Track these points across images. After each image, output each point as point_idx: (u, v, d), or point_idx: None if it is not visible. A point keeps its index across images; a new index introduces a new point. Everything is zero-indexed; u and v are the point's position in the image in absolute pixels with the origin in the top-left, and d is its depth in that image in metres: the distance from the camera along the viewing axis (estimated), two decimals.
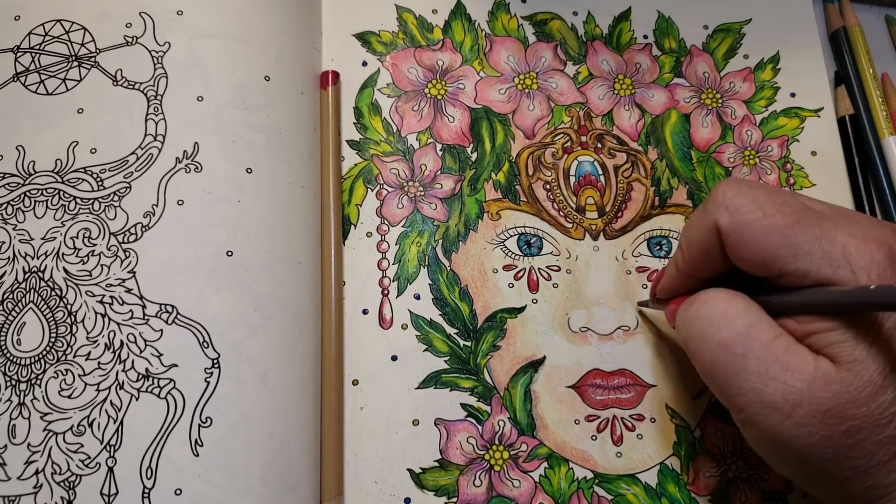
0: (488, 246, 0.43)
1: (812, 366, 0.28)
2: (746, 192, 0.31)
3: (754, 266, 0.30)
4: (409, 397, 0.40)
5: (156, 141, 0.39)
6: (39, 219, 0.38)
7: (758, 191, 0.31)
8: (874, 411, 0.27)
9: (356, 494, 0.38)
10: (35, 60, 0.41)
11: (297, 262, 0.39)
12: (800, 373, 0.28)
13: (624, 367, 0.41)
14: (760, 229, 0.30)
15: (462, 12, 0.48)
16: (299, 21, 0.44)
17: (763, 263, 0.30)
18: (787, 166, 0.47)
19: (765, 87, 0.49)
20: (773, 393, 0.29)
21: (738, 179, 0.33)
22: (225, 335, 0.36)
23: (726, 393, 0.31)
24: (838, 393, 0.28)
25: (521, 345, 0.41)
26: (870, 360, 0.28)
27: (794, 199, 0.31)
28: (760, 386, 0.29)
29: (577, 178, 0.45)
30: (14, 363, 0.36)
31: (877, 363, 0.28)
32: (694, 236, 0.33)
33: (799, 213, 0.30)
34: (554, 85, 0.47)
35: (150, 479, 0.34)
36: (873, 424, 0.27)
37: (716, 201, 0.32)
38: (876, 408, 0.27)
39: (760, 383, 0.29)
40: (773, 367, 0.29)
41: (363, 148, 0.44)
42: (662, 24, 0.50)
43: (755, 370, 0.29)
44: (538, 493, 0.39)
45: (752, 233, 0.30)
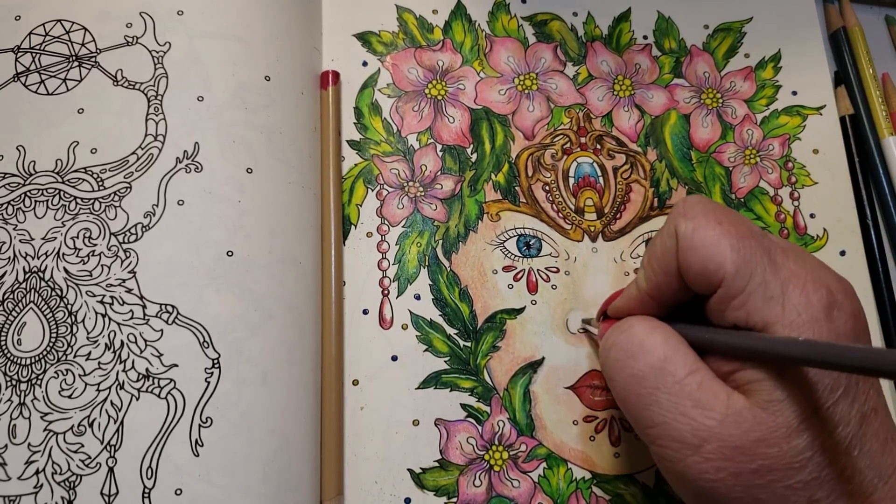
0: (488, 247, 0.43)
1: (724, 403, 0.28)
2: (707, 204, 0.31)
3: (699, 276, 0.30)
4: (409, 397, 0.40)
5: (156, 141, 0.39)
6: (40, 219, 0.38)
7: (719, 207, 0.31)
8: (786, 453, 0.27)
9: (356, 494, 0.38)
10: (35, 60, 0.41)
11: (298, 262, 0.39)
12: (710, 410, 0.28)
13: None
14: (713, 237, 0.29)
15: (462, 13, 0.48)
16: (300, 21, 0.44)
17: (707, 272, 0.30)
18: (788, 165, 0.47)
19: (766, 85, 0.49)
20: (682, 428, 0.28)
21: (702, 195, 0.34)
22: (225, 335, 0.36)
23: (638, 424, 0.30)
24: (749, 431, 0.27)
25: (520, 345, 0.41)
26: (788, 403, 0.27)
27: (752, 225, 0.31)
28: (670, 420, 0.29)
29: (576, 179, 0.45)
30: (14, 363, 0.36)
31: (795, 407, 0.27)
32: (656, 247, 0.32)
33: (754, 236, 0.30)
34: (553, 86, 0.47)
35: (151, 479, 0.34)
36: (785, 467, 0.27)
37: (676, 210, 0.32)
38: (788, 450, 0.27)
39: (670, 417, 0.29)
40: (684, 403, 0.28)
41: (363, 148, 0.44)
42: (662, 25, 0.50)
43: (665, 404, 0.29)
44: (537, 494, 0.39)
45: (703, 238, 0.30)
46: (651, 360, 0.30)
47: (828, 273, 0.30)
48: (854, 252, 0.45)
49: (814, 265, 0.30)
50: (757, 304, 0.28)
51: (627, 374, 0.30)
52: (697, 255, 0.30)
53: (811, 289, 0.28)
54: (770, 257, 0.29)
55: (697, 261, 0.30)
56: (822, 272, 0.29)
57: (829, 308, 0.28)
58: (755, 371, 0.28)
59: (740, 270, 0.29)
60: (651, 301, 0.33)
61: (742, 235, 0.30)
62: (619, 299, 0.36)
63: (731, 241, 0.29)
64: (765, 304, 0.28)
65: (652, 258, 0.32)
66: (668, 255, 0.31)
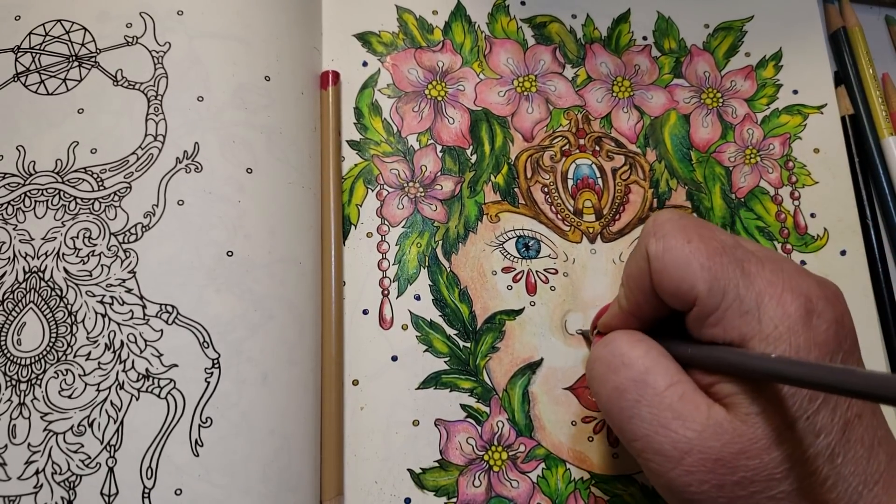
0: (487, 248, 0.43)
1: (705, 415, 0.28)
2: (677, 220, 0.31)
3: (672, 296, 0.30)
4: (409, 397, 0.40)
5: (156, 141, 0.39)
6: (40, 219, 0.38)
7: (689, 220, 0.31)
8: (767, 464, 0.27)
9: (356, 494, 0.38)
10: (35, 60, 0.41)
11: (298, 262, 0.39)
12: (691, 422, 0.28)
13: None
14: (682, 257, 0.29)
15: (462, 14, 0.48)
16: (300, 21, 0.44)
17: (680, 293, 0.30)
18: (788, 164, 0.47)
19: (766, 84, 0.49)
20: (663, 441, 0.28)
21: (673, 210, 0.33)
22: (225, 335, 0.36)
23: (623, 437, 0.30)
24: (729, 443, 0.27)
25: (519, 346, 0.41)
26: (766, 415, 0.27)
27: (723, 235, 0.31)
28: (652, 433, 0.29)
29: (575, 181, 0.45)
30: (14, 363, 0.36)
31: (773, 419, 0.27)
32: (631, 267, 0.32)
33: (724, 247, 0.30)
34: (552, 88, 0.47)
35: (151, 479, 0.34)
36: (766, 478, 0.27)
37: (647, 228, 0.32)
38: (769, 461, 0.27)
39: (651, 430, 0.29)
40: (664, 415, 0.28)
41: (363, 148, 0.44)
42: (662, 25, 0.50)
43: (647, 417, 0.29)
44: (536, 494, 0.39)
45: (673, 259, 0.30)
46: (632, 372, 0.30)
47: (808, 279, 0.29)
48: (854, 252, 0.45)
49: (792, 272, 0.29)
50: (733, 320, 0.28)
51: (610, 387, 0.31)
52: (669, 277, 0.30)
53: (788, 298, 0.28)
54: (743, 270, 0.29)
55: (669, 282, 0.30)
56: (801, 279, 0.29)
57: (807, 316, 0.28)
58: (733, 384, 0.28)
59: (712, 289, 0.29)
60: (632, 318, 0.33)
61: (713, 252, 0.29)
62: (605, 316, 0.36)
63: (701, 259, 0.29)
64: (740, 319, 0.28)
65: (629, 278, 0.33)
66: (642, 275, 0.31)
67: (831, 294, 0.29)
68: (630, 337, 0.32)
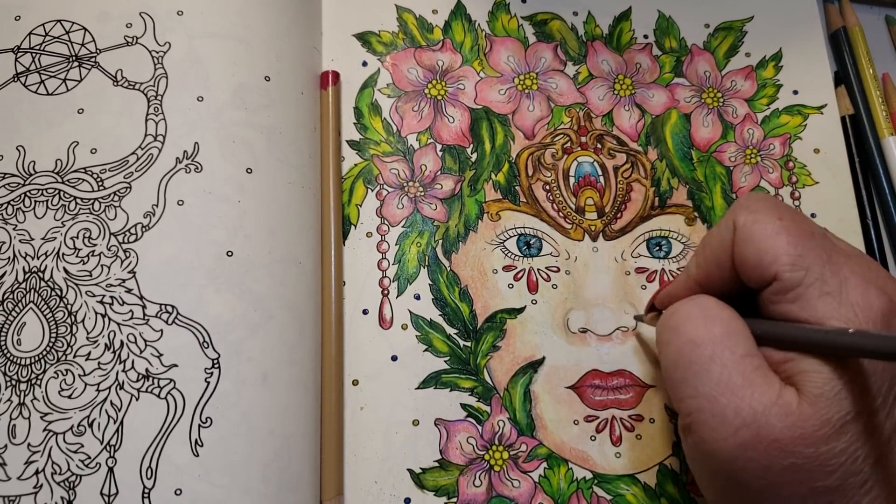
0: (488, 246, 0.43)
1: (776, 392, 0.28)
2: (770, 201, 0.31)
3: (753, 269, 0.30)
4: (409, 397, 0.40)
5: (156, 141, 0.39)
6: (39, 219, 0.38)
7: (782, 205, 0.31)
8: (822, 455, 0.26)
9: (356, 494, 0.38)
10: (35, 60, 0.41)
11: (298, 262, 0.39)
12: (760, 394, 0.27)
13: (623, 368, 0.41)
14: (772, 230, 0.30)
15: (462, 12, 0.48)
16: (299, 21, 0.44)
17: (762, 264, 0.29)
18: (789, 164, 0.47)
19: (767, 84, 0.49)
20: (727, 404, 0.28)
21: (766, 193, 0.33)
22: (225, 335, 0.36)
23: (680, 392, 0.30)
24: (792, 426, 0.27)
25: (520, 345, 0.41)
26: (835, 400, 0.27)
27: (814, 224, 0.31)
28: (717, 394, 0.28)
29: (577, 178, 0.45)
30: (14, 363, 0.36)
31: (840, 404, 0.27)
32: (712, 236, 0.32)
33: (814, 234, 0.30)
34: (554, 85, 0.47)
35: (151, 479, 0.34)
36: (816, 468, 0.27)
37: (739, 203, 0.32)
38: (825, 452, 0.26)
39: (717, 391, 0.28)
40: (735, 380, 0.28)
41: (363, 148, 0.44)
42: (663, 24, 0.50)
43: (716, 376, 0.28)
44: (538, 494, 0.39)
45: (762, 231, 0.30)
46: (715, 330, 0.29)
47: (890, 279, 0.29)
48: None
49: (879, 272, 0.29)
50: (812, 299, 0.28)
51: (686, 338, 0.30)
52: (754, 247, 0.30)
53: (873, 293, 0.28)
54: (830, 256, 0.29)
55: (753, 253, 0.30)
56: (889, 280, 0.29)
57: (887, 315, 0.28)
58: (807, 361, 0.28)
59: (796, 264, 0.29)
60: (699, 289, 0.33)
61: (802, 233, 0.29)
62: (671, 285, 0.36)
63: (790, 236, 0.29)
64: (820, 298, 0.28)
65: (706, 247, 0.33)
66: (724, 245, 0.31)
67: None
68: (717, 301, 0.31)
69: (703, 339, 0.29)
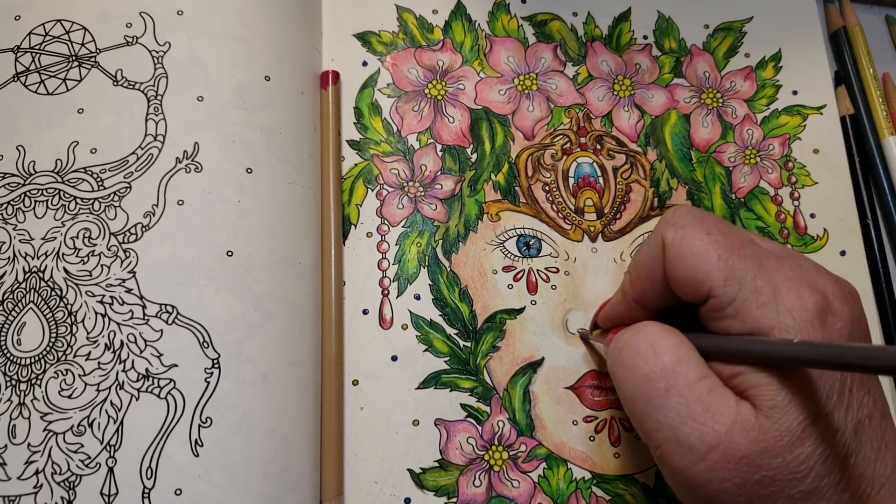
0: (488, 247, 0.43)
1: (733, 410, 0.28)
2: (696, 213, 0.31)
3: (686, 286, 0.30)
4: (409, 397, 0.40)
5: (156, 141, 0.39)
6: (39, 219, 0.38)
7: (708, 215, 0.31)
8: (790, 463, 0.27)
9: (356, 494, 0.38)
10: (35, 60, 0.41)
11: (298, 262, 0.39)
12: (720, 416, 0.28)
13: None
14: (700, 247, 0.30)
15: (462, 13, 0.48)
16: (299, 21, 0.44)
17: (695, 283, 0.30)
18: (788, 165, 0.47)
19: (766, 85, 0.49)
20: (690, 433, 0.28)
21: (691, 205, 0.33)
22: (225, 335, 0.36)
23: (644, 427, 0.30)
24: (755, 440, 0.27)
25: (519, 346, 0.41)
26: (790, 408, 0.27)
27: (742, 232, 0.31)
28: (679, 424, 0.28)
29: (576, 179, 0.45)
30: (14, 363, 0.36)
31: (797, 412, 0.27)
32: (643, 255, 0.32)
33: (743, 242, 0.30)
34: (553, 86, 0.47)
35: (150, 479, 0.34)
36: (788, 477, 0.27)
37: (665, 219, 0.32)
38: (792, 460, 0.27)
39: (679, 421, 0.28)
40: (694, 407, 0.28)
41: (363, 148, 0.44)
42: (662, 25, 0.50)
43: (675, 407, 0.28)
44: (537, 494, 0.39)
45: (691, 249, 0.30)
46: (664, 361, 0.30)
47: (826, 277, 0.29)
48: (854, 252, 0.45)
49: (810, 269, 0.30)
50: (751, 311, 0.28)
51: (639, 374, 0.30)
52: (685, 266, 0.30)
53: (806, 293, 0.28)
54: (761, 264, 0.29)
55: (685, 271, 0.30)
56: (819, 277, 0.29)
57: (822, 313, 0.28)
58: (756, 375, 0.28)
59: (728, 279, 0.29)
60: (637, 307, 0.33)
61: (730, 245, 0.29)
62: (608, 307, 0.36)
63: (719, 251, 0.29)
64: (759, 310, 0.28)
65: (638, 265, 0.33)
66: (655, 263, 0.31)
67: (848, 294, 0.29)
68: (660, 327, 0.31)
69: (655, 372, 0.30)
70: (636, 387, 0.30)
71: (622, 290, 0.34)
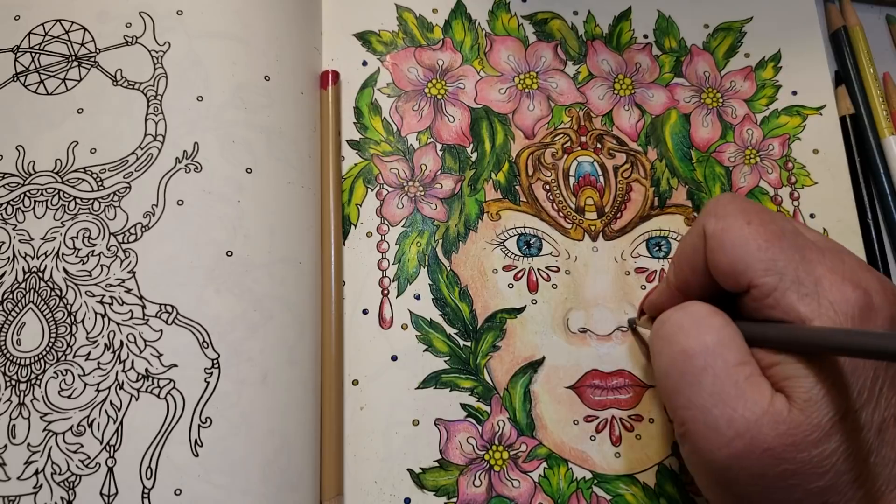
0: (488, 246, 0.43)
1: (767, 400, 0.28)
2: (739, 202, 0.31)
3: (727, 276, 0.30)
4: (409, 397, 0.40)
5: (156, 141, 0.39)
6: (39, 219, 0.38)
7: (750, 204, 0.31)
8: (813, 458, 0.27)
9: (356, 494, 0.38)
10: (35, 60, 0.41)
11: (297, 262, 0.39)
12: (752, 404, 0.28)
13: (622, 368, 0.41)
14: (741, 236, 0.29)
15: (462, 12, 0.48)
16: (299, 21, 0.44)
17: (735, 273, 0.29)
18: (788, 165, 0.47)
19: (766, 85, 0.49)
20: (720, 416, 0.28)
21: (735, 194, 0.33)
22: (225, 335, 0.36)
23: (673, 402, 0.30)
24: (784, 434, 0.27)
25: (520, 345, 0.41)
26: (823, 403, 0.27)
27: (785, 221, 0.31)
28: (710, 405, 0.28)
29: (577, 178, 0.45)
30: (14, 363, 0.36)
31: (828, 407, 0.27)
32: (685, 244, 0.32)
33: (785, 233, 0.30)
34: (554, 85, 0.47)
35: (150, 479, 0.34)
36: (809, 472, 0.27)
37: (708, 208, 0.32)
38: (816, 455, 0.27)
39: (710, 402, 0.28)
40: (728, 391, 0.28)
41: (363, 148, 0.44)
42: (663, 24, 0.50)
43: (709, 387, 0.28)
44: (537, 494, 0.39)
45: (732, 238, 0.30)
46: (707, 339, 0.29)
47: (868, 274, 0.29)
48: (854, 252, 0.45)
49: (853, 264, 0.29)
50: (792, 302, 0.28)
51: (678, 349, 0.30)
52: (725, 256, 0.30)
53: (849, 288, 0.28)
54: (803, 255, 0.29)
55: (725, 261, 0.30)
56: (863, 273, 0.29)
57: (864, 309, 0.28)
58: (793, 366, 0.28)
59: (769, 269, 0.29)
60: (680, 295, 0.33)
61: (771, 235, 0.29)
62: (652, 294, 0.36)
63: (759, 241, 0.29)
64: (800, 300, 0.28)
65: (682, 255, 0.33)
66: (697, 253, 0.31)
67: (890, 292, 0.29)
68: (708, 307, 0.31)
69: (695, 349, 0.29)
70: (672, 360, 0.30)
71: (666, 278, 0.34)
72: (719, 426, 0.28)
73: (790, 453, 0.27)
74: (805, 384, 0.27)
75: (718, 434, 0.28)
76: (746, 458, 0.27)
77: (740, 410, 0.28)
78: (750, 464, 0.27)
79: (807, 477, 0.27)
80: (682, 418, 0.29)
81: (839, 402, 0.27)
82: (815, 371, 0.27)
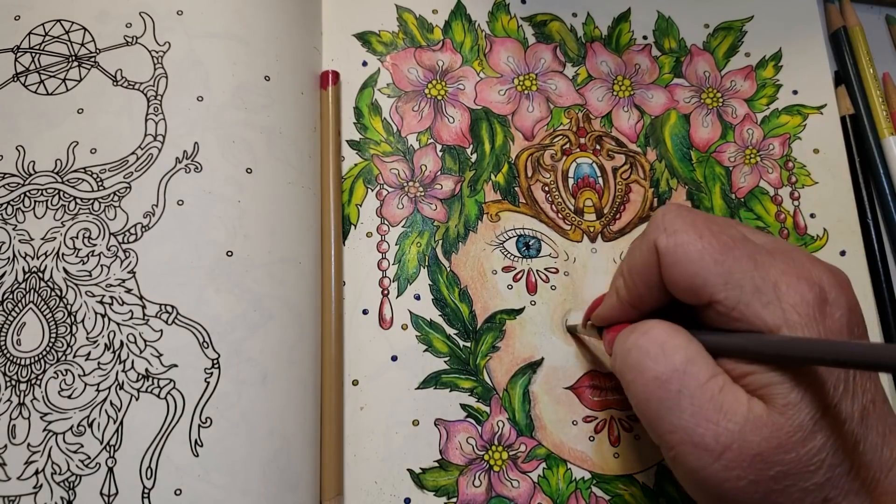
0: (488, 247, 0.43)
1: (745, 407, 0.28)
2: (685, 215, 0.31)
3: (686, 291, 0.30)
4: (409, 397, 0.40)
5: (156, 141, 0.39)
6: (39, 219, 0.38)
7: (697, 216, 0.31)
8: (802, 457, 0.27)
9: (356, 494, 0.38)
10: (35, 60, 0.41)
11: (297, 262, 0.39)
12: (733, 414, 0.28)
13: None
14: (695, 252, 0.29)
15: (462, 13, 0.48)
16: (299, 21, 0.44)
17: (694, 288, 0.30)
18: (788, 164, 0.47)
19: (766, 84, 0.49)
20: (705, 433, 0.28)
21: (679, 204, 0.33)
22: (225, 335, 0.36)
23: (658, 429, 0.30)
24: (769, 437, 0.27)
25: (519, 346, 0.41)
26: (803, 405, 0.27)
27: (732, 228, 0.31)
28: (693, 425, 0.28)
29: (576, 179, 0.45)
30: (14, 363, 0.36)
31: (809, 408, 0.27)
32: (635, 260, 0.32)
33: (735, 241, 0.30)
34: (553, 86, 0.47)
35: (150, 479, 0.34)
36: (801, 471, 0.27)
37: (655, 223, 0.31)
38: (804, 454, 0.27)
39: (693, 422, 0.28)
40: (707, 407, 0.28)
41: (363, 148, 0.44)
42: (662, 25, 0.50)
43: (688, 408, 0.28)
44: (537, 494, 0.39)
45: (686, 255, 0.30)
46: (674, 362, 0.29)
47: (818, 267, 0.30)
48: (854, 252, 0.45)
49: (803, 261, 0.30)
50: (757, 312, 0.28)
51: (650, 376, 0.30)
52: (681, 273, 0.30)
53: (804, 286, 0.28)
54: (756, 262, 0.29)
55: (682, 279, 0.30)
56: (813, 267, 0.29)
57: (821, 304, 0.28)
58: (767, 375, 0.28)
59: (728, 283, 0.29)
60: (632, 309, 0.33)
61: (724, 247, 0.29)
62: (601, 308, 0.36)
63: (715, 255, 0.29)
64: (764, 309, 0.28)
65: (633, 270, 0.32)
66: (650, 268, 0.31)
67: (843, 281, 0.30)
68: (667, 326, 0.31)
69: (666, 374, 0.29)
70: (647, 389, 0.30)
71: (615, 292, 0.34)
72: (707, 443, 0.28)
73: (778, 455, 0.27)
74: (782, 390, 0.28)
75: (708, 451, 0.28)
76: (739, 468, 0.28)
77: (723, 423, 0.28)
78: (744, 472, 0.27)
79: (800, 476, 0.27)
80: (669, 443, 0.29)
81: (818, 401, 0.27)
82: (791, 376, 0.28)
